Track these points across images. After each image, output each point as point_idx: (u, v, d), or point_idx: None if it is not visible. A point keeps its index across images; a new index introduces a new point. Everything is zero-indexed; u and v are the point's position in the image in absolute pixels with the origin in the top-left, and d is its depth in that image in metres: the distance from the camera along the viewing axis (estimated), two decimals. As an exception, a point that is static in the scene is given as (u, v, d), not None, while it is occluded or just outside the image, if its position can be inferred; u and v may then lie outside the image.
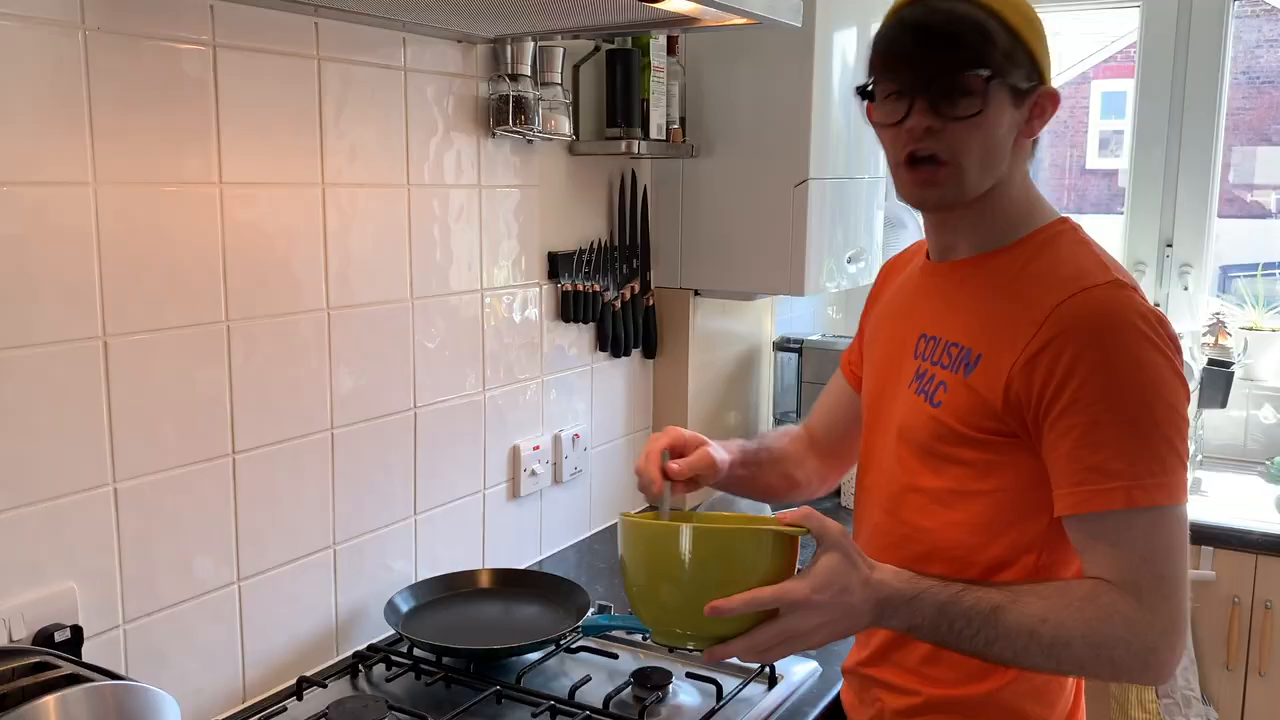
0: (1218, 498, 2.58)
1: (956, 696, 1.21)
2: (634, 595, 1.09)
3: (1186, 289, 2.90)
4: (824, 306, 3.07)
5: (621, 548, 1.10)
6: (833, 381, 1.53)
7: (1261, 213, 3.48)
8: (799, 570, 1.05)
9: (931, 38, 1.11)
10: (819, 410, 1.54)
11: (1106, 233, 3.11)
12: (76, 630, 1.26)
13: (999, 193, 1.18)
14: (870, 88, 1.18)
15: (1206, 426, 2.80)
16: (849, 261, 2.32)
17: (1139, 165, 2.92)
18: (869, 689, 1.31)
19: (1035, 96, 1.15)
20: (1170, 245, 2.91)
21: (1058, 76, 1.52)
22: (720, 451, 1.36)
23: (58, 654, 1.16)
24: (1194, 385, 2.62)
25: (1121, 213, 3.01)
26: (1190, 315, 2.88)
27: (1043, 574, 1.15)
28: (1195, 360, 2.69)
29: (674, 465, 1.30)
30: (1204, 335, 2.78)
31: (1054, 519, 1.11)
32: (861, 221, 2.36)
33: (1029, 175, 1.22)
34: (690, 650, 1.08)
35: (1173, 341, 1.09)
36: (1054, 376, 1.07)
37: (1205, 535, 2.34)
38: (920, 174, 1.15)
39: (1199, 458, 2.71)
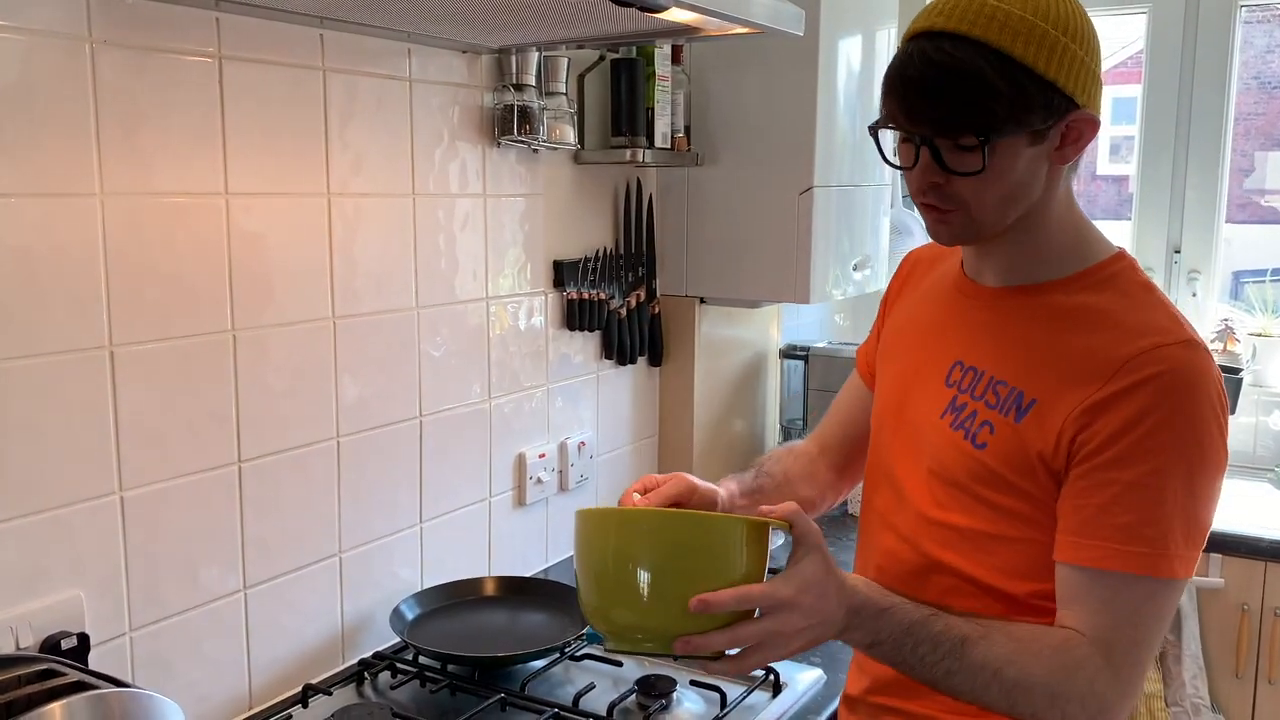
0: (1226, 505, 2.56)
1: None
2: (596, 592, 0.97)
3: (1195, 295, 2.89)
4: (831, 314, 3.07)
5: (581, 541, 0.99)
6: (848, 385, 1.47)
7: (1274, 218, 3.47)
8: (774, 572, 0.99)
9: (926, 95, 1.05)
10: (834, 417, 1.48)
11: (1116, 239, 3.10)
12: (83, 638, 1.27)
13: (1034, 220, 1.12)
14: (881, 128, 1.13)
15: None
16: (855, 269, 2.32)
17: (1146, 171, 2.92)
18: (879, 716, 1.26)
19: (1065, 123, 1.07)
20: (1178, 251, 2.91)
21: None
22: (709, 489, 1.27)
23: (64, 661, 1.17)
24: (1202, 392, 2.61)
25: (1130, 219, 3.01)
26: (1199, 321, 2.87)
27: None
28: (1204, 367, 2.68)
29: (655, 501, 1.18)
30: (1212, 342, 2.77)
31: None
32: (867, 228, 2.36)
33: (1073, 197, 1.16)
34: (649, 654, 0.96)
35: (1225, 408, 1.07)
36: (1110, 426, 1.03)
37: (1214, 542, 2.32)
38: (933, 214, 1.12)
39: (1208, 464, 2.70)
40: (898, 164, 1.15)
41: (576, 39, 1.74)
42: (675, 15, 1.39)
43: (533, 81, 1.82)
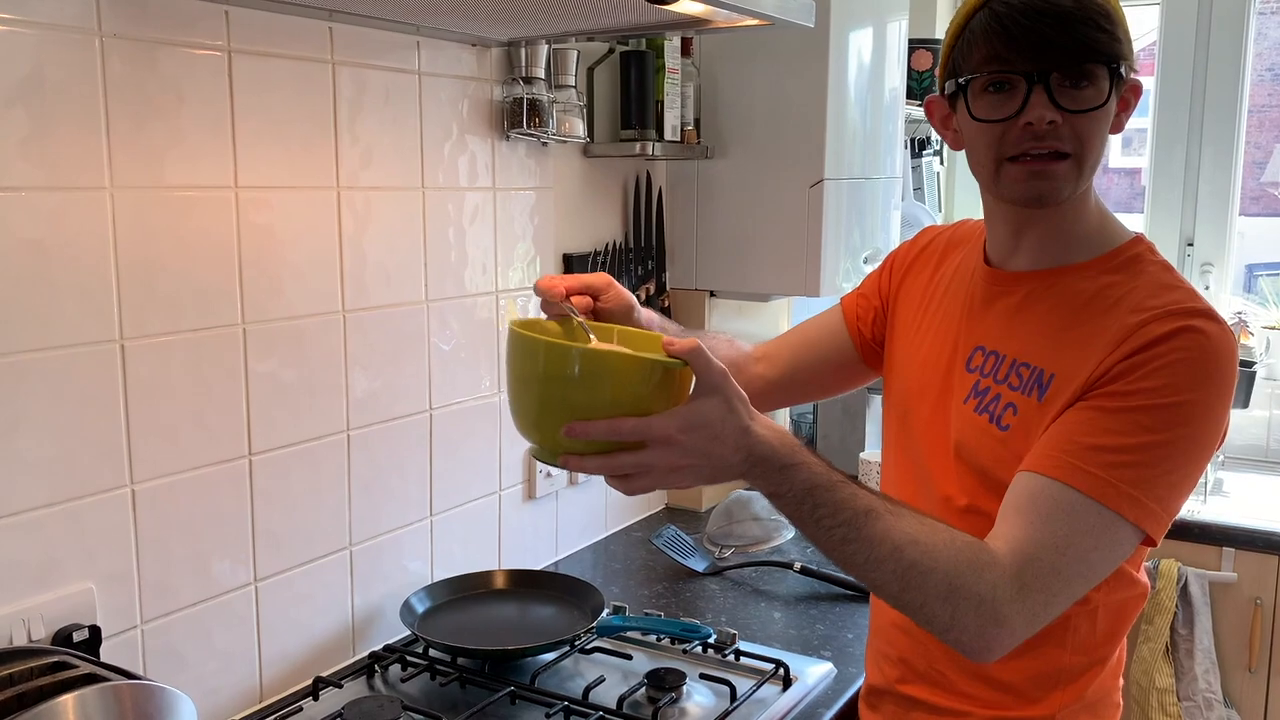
0: (1239, 499, 2.56)
1: (1009, 719, 1.17)
2: (511, 403, 1.04)
3: (1208, 288, 2.87)
4: (841, 307, 3.06)
5: (506, 356, 1.04)
6: (822, 320, 1.46)
7: (1288, 210, 3.45)
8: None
9: (1060, 19, 1.02)
10: (791, 337, 1.47)
11: (1127, 232, 3.08)
12: (95, 630, 1.27)
13: (1082, 196, 1.12)
14: (965, 81, 1.08)
15: (1228, 427, 2.77)
16: (865, 262, 2.31)
17: (1159, 164, 2.90)
18: (909, 711, 1.25)
19: (1126, 88, 1.08)
20: (1191, 244, 2.89)
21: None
22: (639, 305, 1.25)
23: (76, 654, 1.17)
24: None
25: (1143, 212, 2.99)
26: (1212, 315, 2.86)
27: (1101, 613, 1.11)
28: (1217, 360, 2.66)
29: (572, 283, 1.18)
30: (1226, 335, 2.75)
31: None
32: (878, 222, 2.35)
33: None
34: (549, 464, 1.01)
35: (1232, 386, 1.05)
36: (1114, 368, 1.03)
37: (1226, 536, 2.32)
38: (1037, 165, 1.06)
39: (1221, 459, 2.69)
40: (987, 118, 1.08)
41: (586, 31, 1.74)
42: (685, 7, 1.39)
43: (542, 74, 1.82)
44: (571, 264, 2.03)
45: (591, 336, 1.11)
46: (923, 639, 1.21)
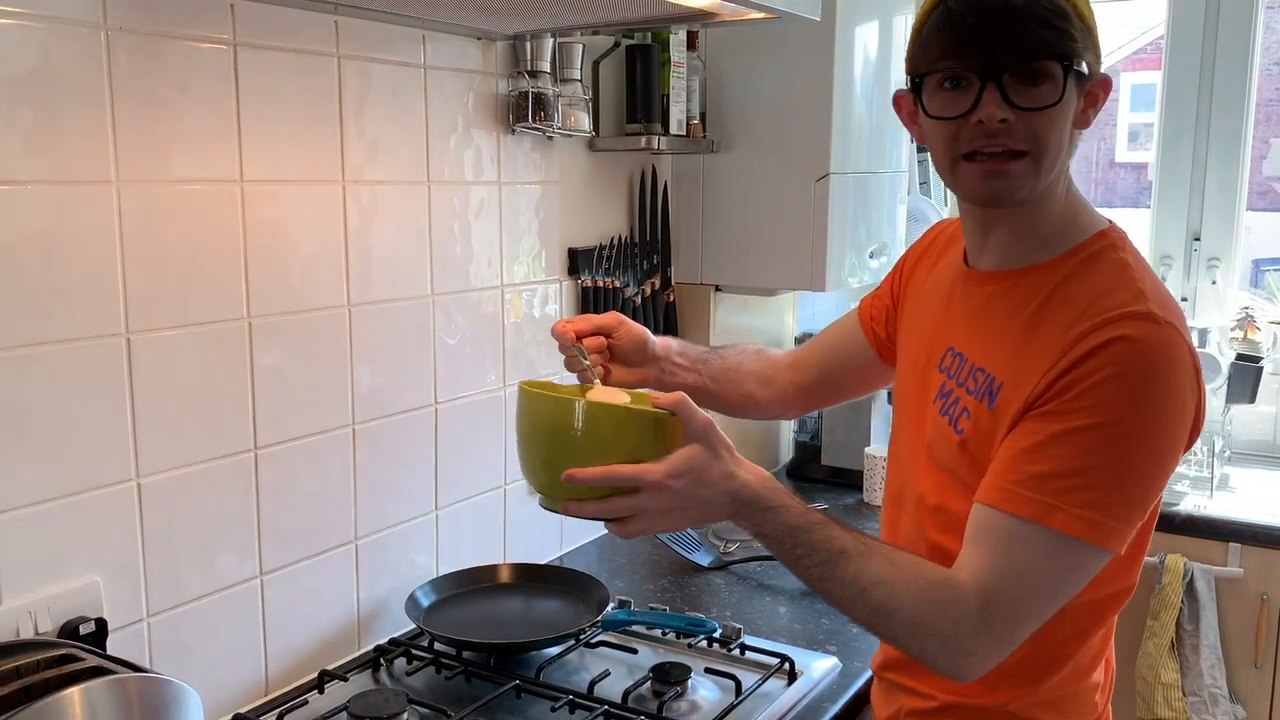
0: (1246, 494, 2.55)
1: (970, 705, 1.19)
2: (520, 455, 1.15)
3: (1215, 283, 2.86)
4: (846, 301, 3.05)
5: (515, 415, 1.15)
6: (843, 323, 1.48)
7: (1294, 206, 3.44)
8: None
9: (1009, 17, 1.02)
10: (817, 343, 1.50)
11: (1135, 227, 3.08)
12: (101, 623, 1.27)
13: (1047, 193, 1.10)
14: (921, 77, 1.09)
15: (1235, 423, 2.76)
16: (871, 256, 2.31)
17: (1166, 158, 2.89)
18: (892, 690, 1.30)
19: (1091, 83, 1.07)
20: (1198, 239, 2.88)
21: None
22: (653, 338, 1.37)
23: (82, 646, 1.17)
24: (1222, 380, 2.59)
25: (1149, 206, 2.98)
26: (1219, 310, 2.85)
27: (1068, 613, 1.08)
28: (1223, 355, 2.66)
29: (582, 326, 1.29)
30: (1232, 330, 2.75)
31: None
32: (884, 216, 2.35)
33: (1070, 173, 1.14)
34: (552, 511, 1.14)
35: (1196, 386, 1.03)
36: (1054, 388, 1.02)
37: (1233, 532, 2.32)
38: (991, 165, 1.06)
39: (1227, 454, 2.68)
40: (942, 115, 1.08)
41: (591, 25, 1.74)
42: (691, 0, 1.39)
43: (547, 68, 1.82)
44: (577, 258, 2.02)
45: (596, 381, 1.23)
46: None
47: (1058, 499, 1.00)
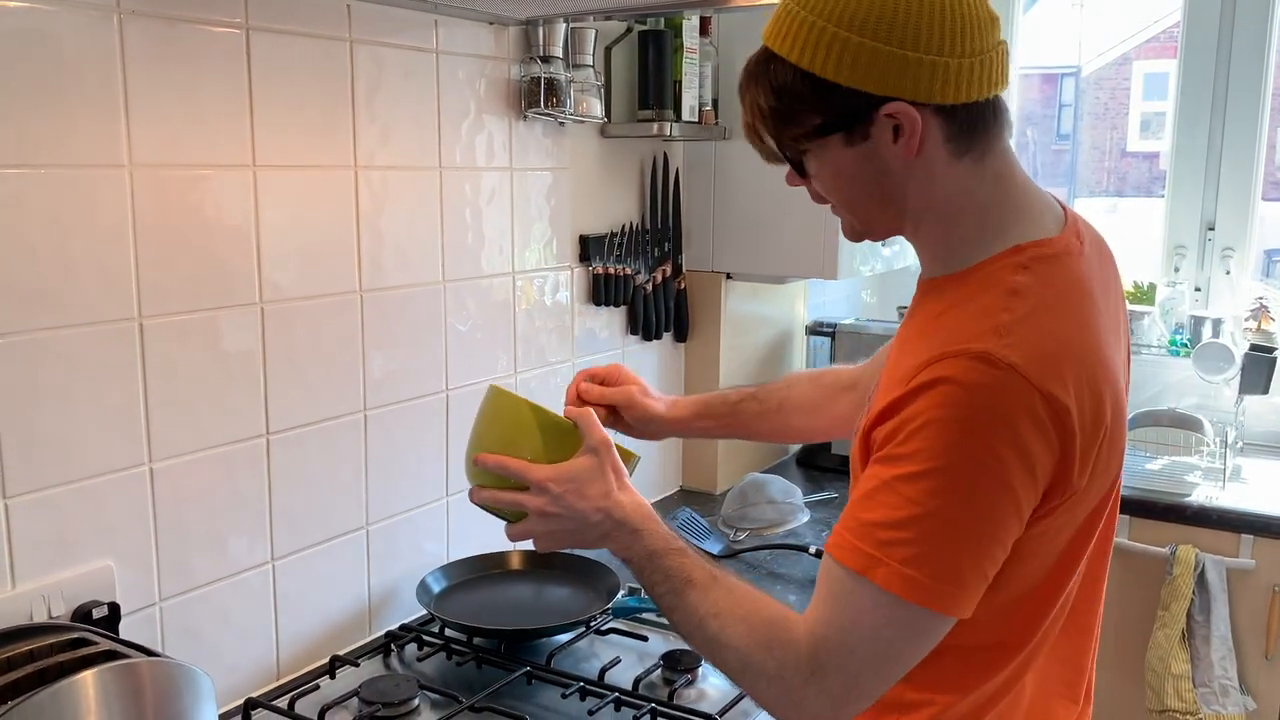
0: (1258, 485, 2.54)
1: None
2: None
3: (1229, 273, 2.85)
4: (858, 290, 3.04)
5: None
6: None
7: (1308, 195, 3.41)
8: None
9: (745, 111, 1.07)
10: (874, 362, 1.42)
11: (1147, 216, 3.06)
12: (114, 607, 1.28)
13: (935, 216, 1.03)
14: None
15: (1248, 413, 2.75)
16: (883, 245, 2.30)
17: (1180, 147, 2.87)
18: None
19: (879, 117, 0.97)
20: (1212, 229, 2.86)
21: (1097, 57, 1.45)
22: (656, 400, 1.40)
23: (95, 630, 1.18)
24: (1235, 371, 2.58)
25: (1162, 196, 2.96)
26: (1232, 300, 2.83)
27: (947, 655, 0.99)
28: (1237, 346, 2.65)
29: (585, 385, 1.37)
30: (1246, 320, 2.73)
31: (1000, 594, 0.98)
32: (896, 204, 2.33)
33: (999, 182, 1.03)
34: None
35: (1056, 431, 0.92)
36: (888, 427, 0.95)
37: (1244, 523, 2.30)
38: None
39: (1240, 445, 2.66)
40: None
41: (604, 10, 1.73)
42: (705, -15, 1.38)
43: (559, 53, 1.81)
44: (588, 245, 2.02)
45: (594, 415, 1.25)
46: None
47: (881, 551, 0.93)
